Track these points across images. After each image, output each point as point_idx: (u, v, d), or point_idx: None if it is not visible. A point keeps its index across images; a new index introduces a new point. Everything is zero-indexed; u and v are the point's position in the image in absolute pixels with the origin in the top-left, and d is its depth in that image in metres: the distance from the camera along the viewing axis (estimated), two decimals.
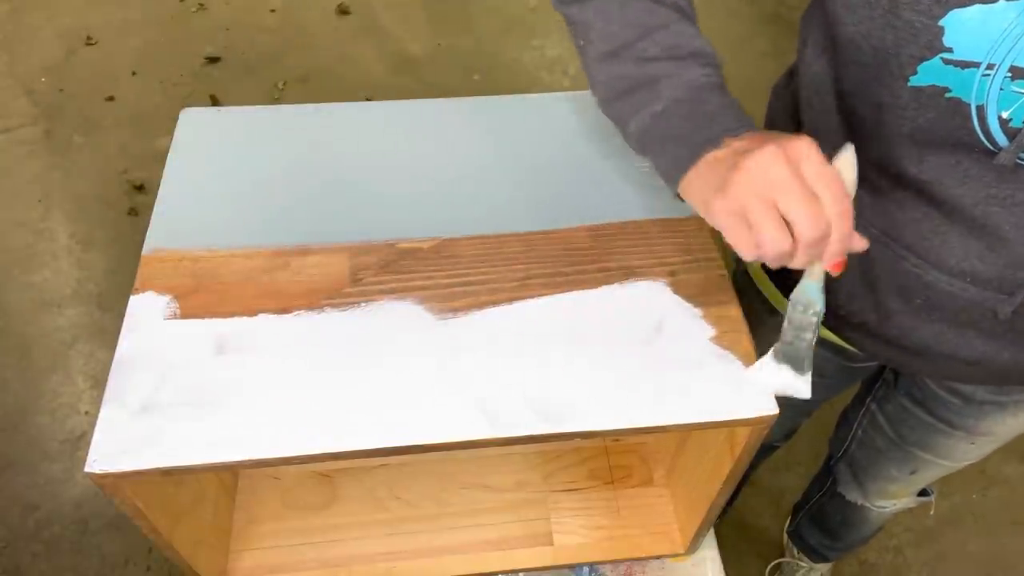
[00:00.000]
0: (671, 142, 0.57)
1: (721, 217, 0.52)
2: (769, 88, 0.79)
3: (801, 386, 0.59)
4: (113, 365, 0.59)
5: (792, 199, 0.49)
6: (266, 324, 0.62)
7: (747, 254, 0.52)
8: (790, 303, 0.58)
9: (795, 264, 0.52)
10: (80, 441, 1.66)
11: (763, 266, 0.82)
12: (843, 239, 0.51)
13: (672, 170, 0.57)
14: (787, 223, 0.50)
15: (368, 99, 2.27)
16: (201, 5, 2.66)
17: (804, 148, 0.50)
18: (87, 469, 0.53)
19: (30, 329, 1.83)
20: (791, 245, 0.50)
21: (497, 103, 0.82)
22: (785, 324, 0.59)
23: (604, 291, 0.65)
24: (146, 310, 0.63)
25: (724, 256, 0.69)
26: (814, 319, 0.57)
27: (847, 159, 0.53)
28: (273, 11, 2.65)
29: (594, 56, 0.61)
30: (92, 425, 0.64)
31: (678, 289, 0.66)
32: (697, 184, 0.55)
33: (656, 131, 0.58)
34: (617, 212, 0.71)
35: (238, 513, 0.85)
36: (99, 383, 1.74)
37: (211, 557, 0.77)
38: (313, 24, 2.60)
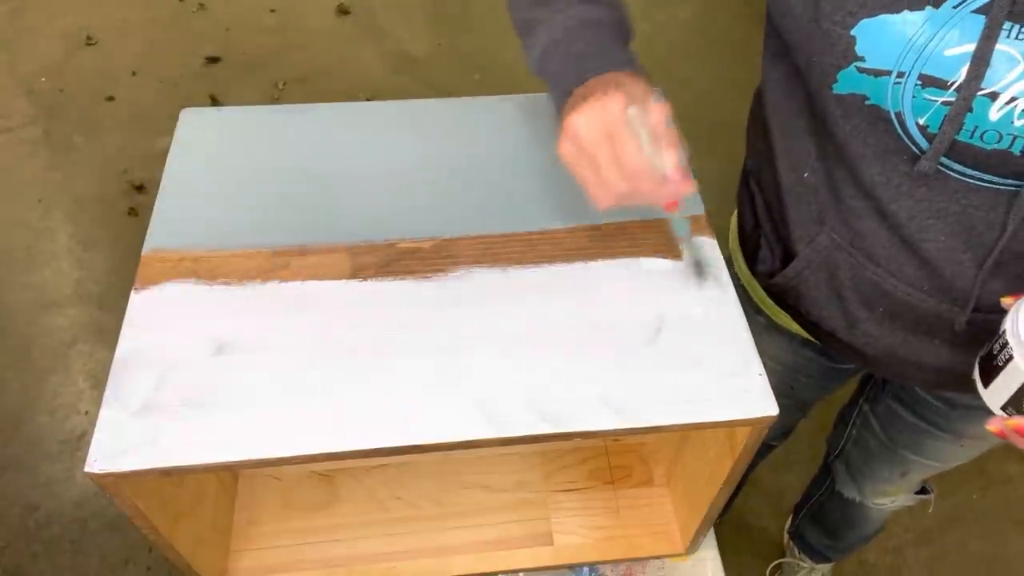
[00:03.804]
0: (550, 87, 0.61)
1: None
2: None
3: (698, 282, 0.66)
4: (113, 365, 0.59)
5: (594, 167, 0.54)
6: (266, 324, 0.62)
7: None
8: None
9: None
10: (80, 441, 1.66)
11: (751, 268, 0.83)
12: (646, 193, 0.55)
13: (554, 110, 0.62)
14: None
15: (368, 99, 2.27)
16: (201, 5, 2.66)
17: (604, 111, 0.53)
18: (87, 469, 0.53)
19: (30, 329, 1.83)
20: (610, 200, 0.56)
21: (497, 103, 0.82)
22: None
23: (604, 291, 0.65)
24: (146, 310, 0.63)
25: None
26: (682, 242, 0.66)
27: (633, 117, 0.54)
28: (273, 11, 2.65)
29: None
30: (92, 425, 0.64)
31: (678, 289, 0.66)
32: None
33: (540, 74, 0.63)
34: (617, 212, 0.71)
35: (238, 513, 0.85)
36: (99, 383, 1.74)
37: (211, 557, 0.77)
38: (313, 24, 2.60)
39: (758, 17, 0.67)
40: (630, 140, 0.53)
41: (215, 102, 2.33)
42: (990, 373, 0.55)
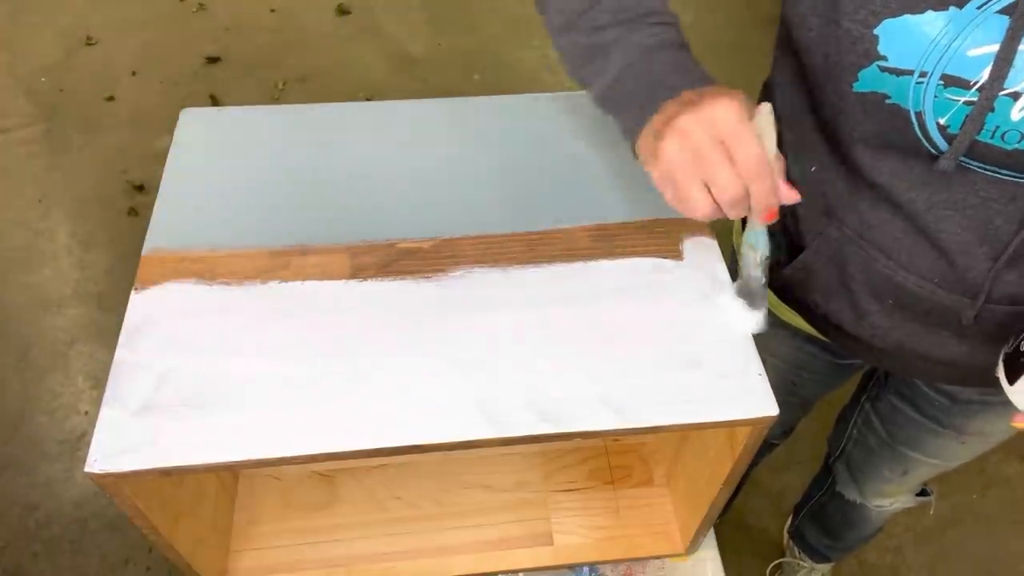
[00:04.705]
0: (623, 108, 0.60)
1: (657, 184, 0.57)
2: None
3: (751, 319, 0.62)
4: (113, 365, 0.59)
5: (708, 167, 0.52)
6: (266, 324, 0.62)
7: (683, 213, 0.56)
8: (743, 244, 0.62)
9: (730, 216, 0.55)
10: (80, 441, 1.66)
11: None
12: (762, 196, 0.54)
13: (626, 133, 0.60)
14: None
15: (368, 99, 2.27)
16: (201, 5, 2.66)
17: (721, 113, 0.52)
18: (87, 469, 0.53)
19: (30, 329, 1.83)
20: (713, 207, 0.54)
21: (497, 103, 0.82)
22: (741, 263, 0.62)
23: (604, 291, 0.65)
24: (146, 310, 0.63)
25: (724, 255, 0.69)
26: (760, 260, 0.61)
27: (764, 118, 0.54)
28: (273, 11, 2.65)
29: (552, 28, 0.65)
30: (92, 425, 0.64)
31: (678, 289, 0.66)
32: (642, 148, 0.58)
33: (611, 98, 0.61)
34: (617, 212, 0.71)
35: (238, 513, 0.85)
36: (99, 383, 1.74)
37: (211, 557, 0.77)
38: (313, 24, 2.60)
39: (759, 21, 0.68)
40: (753, 139, 0.52)
41: (215, 102, 2.33)
42: (1017, 371, 0.55)
